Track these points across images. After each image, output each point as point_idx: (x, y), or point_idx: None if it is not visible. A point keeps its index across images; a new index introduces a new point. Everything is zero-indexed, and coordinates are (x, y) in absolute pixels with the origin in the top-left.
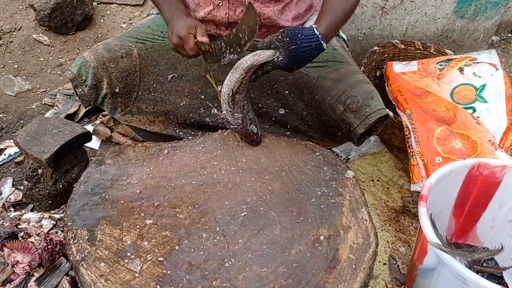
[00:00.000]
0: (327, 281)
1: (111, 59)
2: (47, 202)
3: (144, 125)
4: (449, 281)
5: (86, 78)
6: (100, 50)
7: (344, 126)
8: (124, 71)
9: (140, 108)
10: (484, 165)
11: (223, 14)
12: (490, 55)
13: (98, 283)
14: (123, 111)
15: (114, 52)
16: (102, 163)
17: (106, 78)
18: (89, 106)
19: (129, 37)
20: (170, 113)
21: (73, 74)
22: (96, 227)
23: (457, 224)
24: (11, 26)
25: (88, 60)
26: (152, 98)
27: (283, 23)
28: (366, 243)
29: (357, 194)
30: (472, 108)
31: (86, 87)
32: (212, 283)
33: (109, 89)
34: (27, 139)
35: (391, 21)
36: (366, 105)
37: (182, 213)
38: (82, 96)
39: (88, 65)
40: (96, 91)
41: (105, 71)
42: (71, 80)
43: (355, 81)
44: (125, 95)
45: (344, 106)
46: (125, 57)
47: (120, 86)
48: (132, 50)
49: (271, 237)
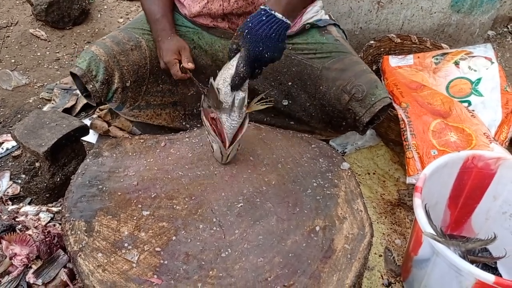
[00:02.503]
0: (323, 271)
1: (121, 52)
2: (44, 195)
3: (151, 119)
4: (444, 271)
5: (97, 73)
6: (109, 43)
7: (350, 115)
8: (135, 64)
9: (149, 102)
10: (479, 157)
11: (218, 6)
12: (485, 49)
13: (96, 273)
14: (131, 106)
15: (123, 45)
16: (99, 155)
17: (118, 72)
18: (99, 102)
19: (134, 29)
20: (177, 103)
21: (83, 70)
22: (94, 219)
23: (452, 216)
24: (8, 20)
25: (97, 54)
26: (160, 90)
27: None
28: (361, 233)
29: (352, 186)
30: (468, 101)
31: (97, 82)
32: (208, 273)
33: (120, 83)
34: (24, 132)
35: (387, 16)
36: (371, 94)
37: (179, 204)
38: (93, 92)
39: (98, 59)
40: (108, 86)
41: (116, 65)
42: (81, 76)
43: (359, 70)
44: (135, 88)
45: (350, 96)
46: (135, 49)
47: (131, 79)
48: (141, 42)
49: (267, 228)
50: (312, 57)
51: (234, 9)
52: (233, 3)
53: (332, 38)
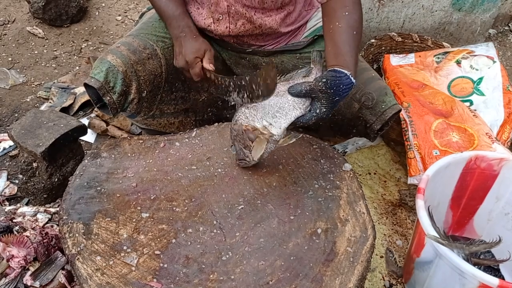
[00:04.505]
0: (325, 274)
1: (138, 61)
2: (42, 196)
3: (163, 128)
4: (447, 274)
5: (115, 84)
6: (125, 52)
7: (360, 123)
8: (151, 74)
9: (163, 110)
10: (482, 158)
11: (224, 28)
12: (487, 48)
13: (94, 277)
14: (145, 115)
15: (140, 53)
16: (98, 156)
17: (135, 82)
18: (115, 114)
19: (148, 35)
20: (189, 110)
21: (100, 82)
22: (92, 221)
23: (454, 217)
24: (5, 18)
25: (115, 64)
26: (174, 98)
27: (283, 30)
28: (363, 236)
29: (354, 187)
30: (469, 101)
31: (115, 94)
32: (209, 276)
33: (137, 94)
34: (21, 132)
35: (388, 14)
36: (381, 102)
37: (179, 206)
38: (110, 104)
39: (116, 70)
40: (125, 97)
41: (134, 75)
42: (98, 89)
43: (367, 78)
44: (150, 98)
45: (360, 104)
46: (151, 58)
47: (147, 89)
48: (156, 50)
49: (268, 230)
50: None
51: (241, 31)
52: (240, 26)
53: None
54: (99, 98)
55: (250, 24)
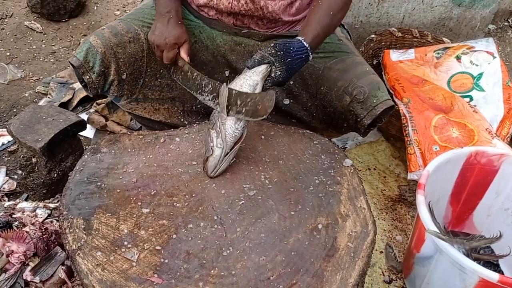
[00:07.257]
0: (326, 269)
1: (118, 43)
2: (41, 191)
3: (148, 114)
4: (447, 269)
5: (94, 64)
6: (107, 34)
7: (351, 117)
8: (131, 57)
9: (146, 95)
10: (482, 153)
11: (226, 3)
12: (487, 43)
13: (95, 272)
14: (128, 99)
15: (121, 37)
16: (98, 151)
17: (114, 64)
18: (95, 94)
19: (134, 20)
20: (176, 99)
21: (79, 61)
22: (92, 216)
23: (454, 212)
24: (3, 13)
25: (95, 45)
26: (159, 84)
27: (285, 18)
28: (364, 231)
29: (355, 183)
30: (469, 96)
31: (93, 74)
32: (210, 272)
33: (116, 76)
34: (20, 127)
35: (388, 9)
36: (373, 96)
37: (179, 201)
38: (89, 83)
39: (95, 51)
40: (104, 78)
41: (113, 57)
42: (78, 67)
43: (361, 71)
44: (131, 81)
45: (351, 97)
46: (133, 41)
47: (127, 72)
48: (139, 34)
49: (269, 226)
50: (315, 56)
51: (242, 10)
52: (242, 4)
53: (335, 37)
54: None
55: (253, 3)
